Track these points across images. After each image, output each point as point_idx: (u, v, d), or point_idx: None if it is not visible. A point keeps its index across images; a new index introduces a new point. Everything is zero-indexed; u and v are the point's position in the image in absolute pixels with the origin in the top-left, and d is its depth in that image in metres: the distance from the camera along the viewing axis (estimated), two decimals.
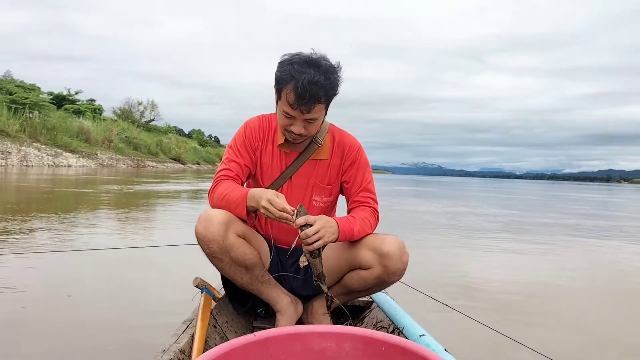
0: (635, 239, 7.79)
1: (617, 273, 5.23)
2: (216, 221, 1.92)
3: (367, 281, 2.04)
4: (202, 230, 1.92)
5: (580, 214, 13.43)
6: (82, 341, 2.45)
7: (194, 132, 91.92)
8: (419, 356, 1.22)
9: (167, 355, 1.57)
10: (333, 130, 2.21)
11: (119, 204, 9.41)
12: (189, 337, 1.76)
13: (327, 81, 1.89)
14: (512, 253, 6.09)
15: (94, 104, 50.18)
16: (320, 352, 1.33)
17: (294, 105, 1.90)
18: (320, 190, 2.18)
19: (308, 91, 1.84)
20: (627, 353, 2.76)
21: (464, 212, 11.92)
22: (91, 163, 31.90)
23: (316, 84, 1.85)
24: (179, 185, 17.56)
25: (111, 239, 5.48)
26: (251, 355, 1.27)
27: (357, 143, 2.22)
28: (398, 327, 2.04)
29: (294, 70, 1.86)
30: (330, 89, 1.92)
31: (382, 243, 1.98)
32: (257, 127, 2.16)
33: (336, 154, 2.18)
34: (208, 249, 1.95)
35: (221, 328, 2.09)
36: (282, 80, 1.91)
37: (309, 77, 1.84)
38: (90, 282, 3.64)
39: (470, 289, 4.02)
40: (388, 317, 2.20)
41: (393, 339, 1.29)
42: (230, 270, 2.02)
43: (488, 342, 2.64)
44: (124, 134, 44.28)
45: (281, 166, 2.15)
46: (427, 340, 1.77)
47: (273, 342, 1.31)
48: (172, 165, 47.68)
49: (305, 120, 1.95)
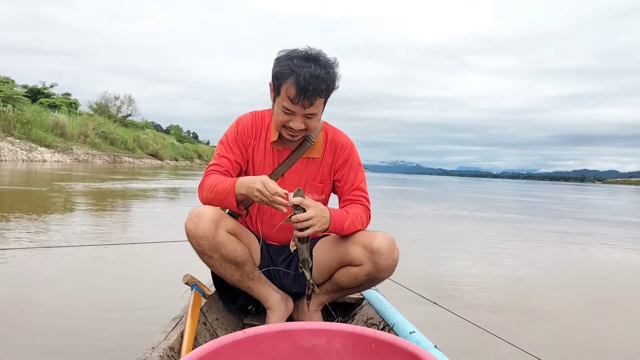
0: (608, 240, 7.94)
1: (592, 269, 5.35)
2: (206, 218, 1.91)
3: (357, 278, 2.04)
4: (192, 227, 1.91)
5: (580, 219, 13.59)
6: (69, 337, 2.42)
7: (171, 127, 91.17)
8: (408, 353, 1.22)
9: (156, 353, 1.55)
10: (327, 128, 2.20)
11: (100, 203, 9.29)
12: (179, 335, 1.74)
13: (328, 75, 1.88)
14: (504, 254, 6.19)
15: (70, 98, 49.44)
16: (310, 349, 1.32)
17: (295, 100, 1.88)
18: (312, 188, 2.17)
19: (310, 84, 1.83)
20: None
21: (463, 216, 12.00)
22: (66, 158, 31.41)
23: (317, 77, 1.84)
24: (159, 182, 17.26)
25: (99, 236, 5.43)
26: (241, 352, 1.27)
27: (349, 142, 2.22)
28: (389, 324, 2.04)
29: (294, 64, 1.85)
30: (330, 83, 1.91)
31: (373, 240, 1.98)
32: (250, 123, 2.14)
33: (329, 152, 2.17)
34: (198, 246, 1.94)
35: (211, 325, 2.08)
36: (282, 75, 1.88)
37: (310, 70, 1.82)
38: (75, 279, 3.60)
39: (461, 288, 4.07)
40: (379, 314, 2.20)
41: (383, 336, 1.29)
42: (220, 267, 2.01)
43: (475, 339, 2.67)
44: (100, 129, 43.69)
45: (273, 164, 2.14)
46: (417, 337, 1.78)
47: (263, 339, 1.30)
48: (149, 161, 47.21)
49: (305, 115, 1.94)
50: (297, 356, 1.32)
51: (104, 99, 57.26)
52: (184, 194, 13.12)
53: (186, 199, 11.42)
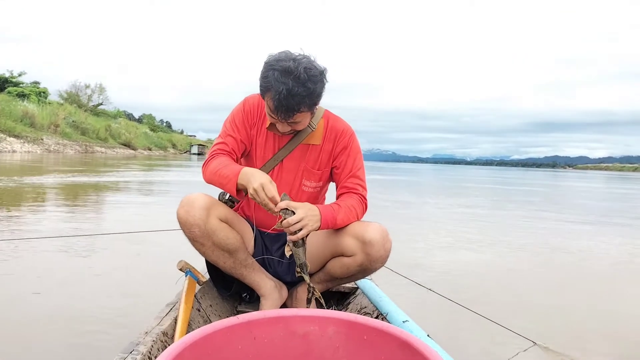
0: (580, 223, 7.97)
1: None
2: (197, 205, 1.90)
3: (349, 268, 2.04)
4: (184, 214, 1.90)
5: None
6: (62, 325, 2.44)
7: (144, 116, 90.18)
8: (401, 340, 1.22)
9: (150, 337, 1.55)
10: (328, 115, 2.17)
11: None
12: (172, 320, 1.75)
13: (307, 92, 1.80)
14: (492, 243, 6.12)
15: (39, 87, 48.41)
16: (303, 336, 1.32)
17: (274, 114, 1.86)
18: (310, 175, 2.15)
19: (286, 104, 1.79)
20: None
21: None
22: (37, 148, 30.86)
23: (295, 96, 1.77)
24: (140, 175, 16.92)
25: (91, 226, 5.50)
26: (234, 337, 1.27)
27: (349, 129, 2.19)
28: (382, 313, 2.05)
29: (274, 78, 1.78)
30: (310, 99, 1.84)
31: (365, 231, 1.97)
32: (256, 105, 2.10)
33: (328, 139, 2.14)
34: (190, 233, 1.93)
35: (205, 312, 2.09)
36: (263, 88, 1.85)
37: (287, 88, 1.76)
38: (69, 267, 3.62)
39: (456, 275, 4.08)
40: (372, 304, 2.21)
41: (376, 324, 1.29)
42: (212, 255, 2.00)
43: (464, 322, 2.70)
44: (71, 119, 42.99)
45: (274, 148, 2.11)
46: (410, 326, 1.78)
47: (256, 325, 1.30)
48: (122, 151, 46.62)
49: (289, 123, 1.91)
50: (290, 342, 1.32)
51: (74, 87, 56.34)
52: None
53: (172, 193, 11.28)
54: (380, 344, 1.26)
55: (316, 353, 1.32)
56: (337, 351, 1.31)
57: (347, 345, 1.30)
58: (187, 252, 2.13)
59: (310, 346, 1.32)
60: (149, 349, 1.49)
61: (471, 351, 2.39)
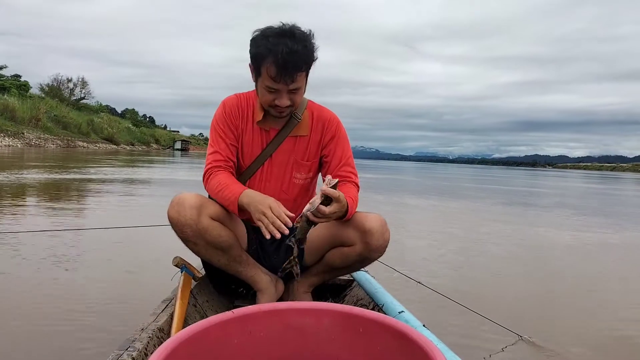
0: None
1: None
2: (188, 205, 1.88)
3: (348, 257, 2.05)
4: (175, 215, 1.89)
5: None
6: (57, 321, 2.42)
7: (127, 111, 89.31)
8: (396, 330, 1.23)
9: (146, 334, 1.55)
10: (312, 106, 2.19)
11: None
12: (168, 316, 1.74)
13: (305, 49, 1.86)
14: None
15: (20, 80, 47.62)
16: (299, 329, 1.33)
17: (277, 78, 1.86)
18: (300, 167, 2.16)
19: (289, 61, 1.81)
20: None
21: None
22: (17, 143, 30.40)
23: (295, 53, 1.82)
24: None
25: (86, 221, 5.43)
26: (230, 331, 1.27)
27: (335, 117, 2.20)
28: (378, 305, 2.07)
29: (270, 43, 1.82)
30: (309, 56, 1.89)
31: (365, 220, 1.98)
32: (236, 105, 2.11)
33: (316, 129, 2.16)
34: (182, 234, 1.92)
35: (201, 307, 2.08)
36: (260, 56, 1.86)
37: (287, 48, 1.80)
38: (60, 262, 3.57)
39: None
40: (368, 295, 2.22)
41: (372, 315, 1.30)
42: (206, 253, 2.00)
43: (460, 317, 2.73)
44: (53, 113, 42.38)
45: (262, 144, 2.12)
46: (406, 316, 1.80)
47: (251, 318, 1.31)
48: (104, 146, 46.12)
49: (289, 91, 1.92)
50: (286, 335, 1.33)
51: (56, 81, 55.60)
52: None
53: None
54: (376, 334, 1.27)
55: (312, 345, 1.33)
56: (333, 343, 1.32)
57: (343, 336, 1.31)
58: (183, 249, 2.11)
59: (306, 339, 1.33)
60: (145, 345, 1.48)
61: (458, 343, 2.40)
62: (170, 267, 2.13)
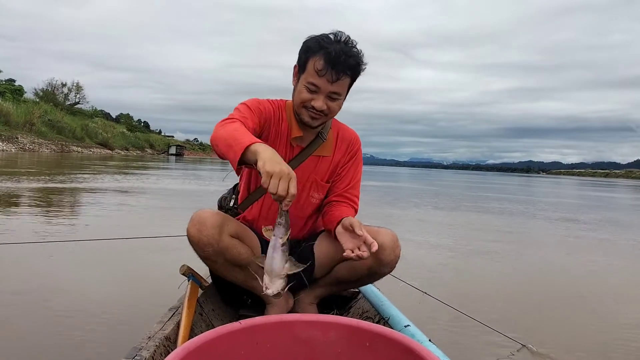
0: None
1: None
2: (210, 224, 1.85)
3: (357, 271, 2.05)
4: (196, 234, 1.86)
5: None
6: (64, 329, 2.45)
7: (122, 116, 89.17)
8: (403, 346, 1.23)
9: (152, 342, 1.55)
10: (337, 125, 2.16)
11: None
12: (175, 325, 1.74)
13: (357, 57, 1.86)
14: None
15: (14, 85, 47.54)
16: (306, 341, 1.33)
17: (322, 71, 1.81)
18: (317, 187, 2.13)
19: (340, 57, 1.80)
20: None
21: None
22: (11, 147, 30.28)
23: (347, 53, 1.82)
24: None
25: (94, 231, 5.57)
26: (237, 342, 1.27)
27: (358, 139, 2.18)
28: (384, 318, 2.06)
29: (324, 42, 1.82)
30: (357, 64, 1.88)
31: (377, 235, 1.94)
32: (271, 110, 2.02)
33: (339, 150, 2.13)
34: (203, 252, 1.90)
35: (207, 316, 2.08)
36: (310, 50, 1.84)
37: (340, 46, 1.82)
38: (72, 271, 3.65)
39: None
40: (374, 308, 2.21)
41: (378, 329, 1.30)
42: (224, 270, 1.99)
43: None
44: (47, 117, 42.25)
45: (285, 158, 1.99)
46: (411, 330, 1.79)
47: (259, 329, 1.31)
48: (98, 151, 45.97)
49: (328, 95, 1.87)
50: (293, 348, 1.33)
51: (50, 85, 55.52)
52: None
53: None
54: (383, 349, 1.27)
55: (319, 358, 1.33)
56: (339, 357, 1.32)
57: (350, 350, 1.31)
58: (190, 258, 2.10)
59: (313, 351, 1.33)
60: (152, 354, 1.49)
61: (464, 352, 2.43)
62: (176, 275, 2.12)
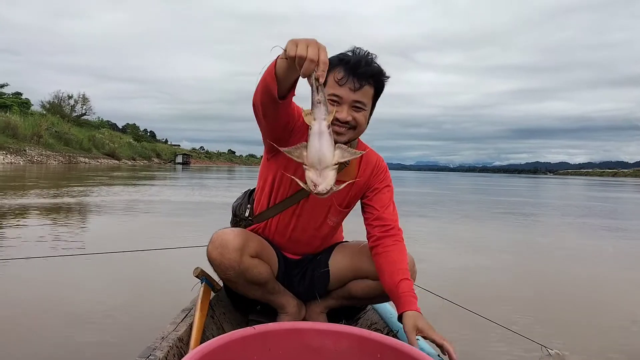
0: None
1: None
2: (232, 247, 1.85)
3: (372, 291, 2.05)
4: (218, 257, 1.86)
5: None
6: (81, 328, 2.56)
7: (128, 126, 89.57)
8: (413, 359, 1.24)
9: (166, 343, 1.58)
10: (362, 147, 2.07)
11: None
12: (187, 326, 1.77)
13: (377, 67, 1.84)
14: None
15: (21, 98, 47.98)
16: (317, 349, 1.35)
17: (343, 80, 1.77)
18: (335, 213, 2.09)
19: (360, 64, 1.78)
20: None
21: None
22: (20, 160, 30.49)
23: (368, 61, 1.81)
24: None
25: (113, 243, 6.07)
26: (249, 347, 1.29)
27: (384, 164, 2.11)
28: (392, 330, 2.05)
29: (342, 55, 1.82)
30: (379, 73, 1.85)
31: None
32: (302, 120, 1.87)
33: (363, 174, 2.05)
34: (224, 275, 1.91)
35: (218, 319, 2.11)
36: (330, 65, 1.63)
37: (359, 57, 1.80)
38: (89, 280, 3.90)
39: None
40: (383, 320, 2.20)
41: (390, 341, 1.31)
42: (243, 289, 2.00)
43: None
44: (54, 129, 42.57)
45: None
46: (421, 344, 1.77)
47: (272, 336, 1.33)
48: (106, 161, 46.18)
49: (352, 103, 1.80)
50: (304, 355, 1.34)
51: (56, 98, 56.00)
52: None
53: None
54: None
55: None
56: None
57: None
58: (202, 260, 2.09)
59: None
60: (165, 354, 1.51)
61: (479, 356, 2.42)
62: (188, 280, 2.15)
